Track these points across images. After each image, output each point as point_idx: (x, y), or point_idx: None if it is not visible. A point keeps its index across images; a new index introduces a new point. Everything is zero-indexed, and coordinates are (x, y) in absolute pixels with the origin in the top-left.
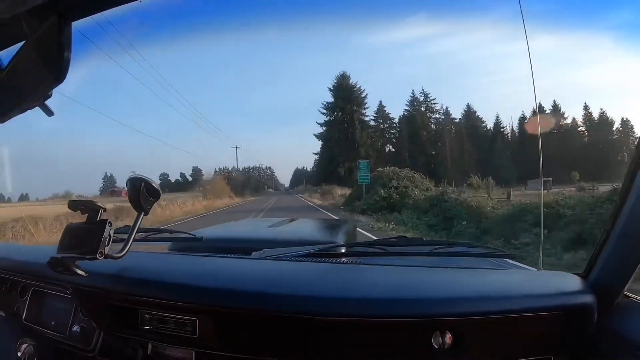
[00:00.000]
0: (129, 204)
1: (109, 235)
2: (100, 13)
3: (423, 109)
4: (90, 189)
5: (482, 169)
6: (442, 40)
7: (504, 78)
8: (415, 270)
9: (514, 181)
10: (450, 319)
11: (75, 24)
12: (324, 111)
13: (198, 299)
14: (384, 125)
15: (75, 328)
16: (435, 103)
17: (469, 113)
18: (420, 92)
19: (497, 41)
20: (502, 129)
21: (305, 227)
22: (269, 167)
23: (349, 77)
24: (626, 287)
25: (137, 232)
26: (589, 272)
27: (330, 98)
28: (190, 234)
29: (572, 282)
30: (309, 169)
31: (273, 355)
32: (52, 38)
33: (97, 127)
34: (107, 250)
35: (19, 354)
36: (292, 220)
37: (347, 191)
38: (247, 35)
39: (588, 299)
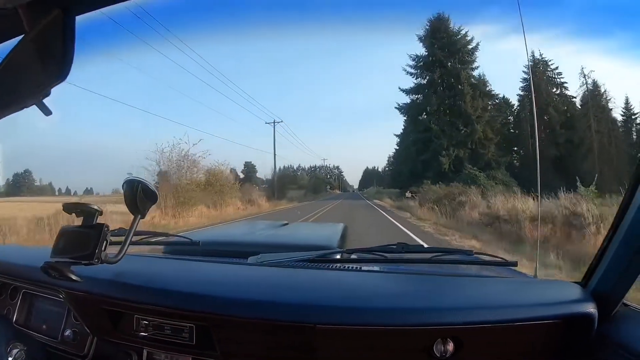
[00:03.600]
0: None
1: (106, 240)
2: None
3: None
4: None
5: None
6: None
7: None
8: (416, 277)
9: None
10: (452, 327)
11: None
12: (412, 70)
13: (196, 307)
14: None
15: (68, 332)
16: (560, 74)
17: (596, 94)
18: (539, 59)
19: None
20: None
21: (301, 231)
22: (337, 167)
23: (448, 19)
24: (625, 296)
25: (133, 235)
26: (588, 280)
27: (419, 49)
28: (187, 238)
29: (572, 290)
30: (379, 169)
31: None
32: (55, 33)
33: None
34: (103, 255)
35: (10, 359)
36: (286, 223)
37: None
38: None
39: (588, 307)
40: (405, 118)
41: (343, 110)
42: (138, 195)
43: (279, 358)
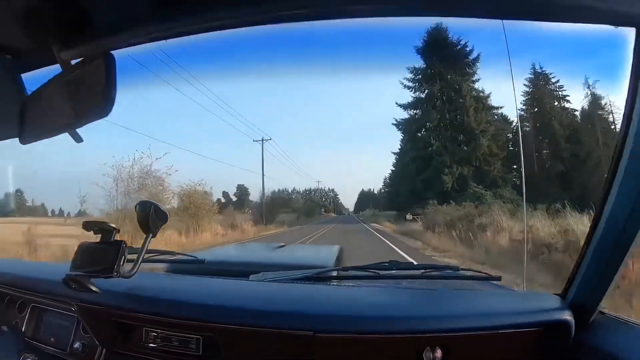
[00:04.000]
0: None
1: (124, 255)
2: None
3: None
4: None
5: None
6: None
7: None
8: (408, 291)
9: None
10: (440, 335)
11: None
12: (410, 84)
13: (202, 317)
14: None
15: (77, 345)
16: (561, 87)
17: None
18: (539, 72)
19: None
20: None
21: (299, 252)
22: (332, 189)
23: (446, 30)
24: (601, 304)
25: (145, 253)
26: (566, 291)
27: (417, 61)
28: (193, 257)
29: (551, 301)
30: (375, 192)
31: None
32: (97, 72)
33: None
34: (122, 269)
35: None
36: (283, 245)
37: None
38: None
39: (565, 316)
40: (402, 135)
41: (338, 133)
42: (150, 216)
43: None
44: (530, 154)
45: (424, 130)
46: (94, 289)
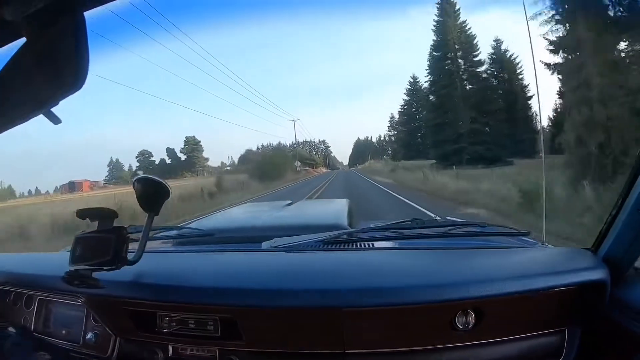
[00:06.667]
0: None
1: (127, 243)
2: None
3: None
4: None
5: None
6: None
7: None
8: (433, 253)
9: None
10: (472, 300)
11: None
12: None
13: (218, 301)
14: None
15: (89, 336)
16: None
17: None
18: None
19: None
20: None
21: (308, 211)
22: (323, 141)
23: None
24: (637, 261)
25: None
26: (598, 246)
27: None
28: (200, 230)
29: (584, 257)
30: (373, 140)
31: (300, 347)
32: (67, 40)
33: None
34: (124, 259)
35: None
36: (291, 203)
37: None
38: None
39: (601, 274)
40: None
41: (328, 84)
42: (151, 193)
43: (306, 342)
44: None
45: None
46: (97, 284)
